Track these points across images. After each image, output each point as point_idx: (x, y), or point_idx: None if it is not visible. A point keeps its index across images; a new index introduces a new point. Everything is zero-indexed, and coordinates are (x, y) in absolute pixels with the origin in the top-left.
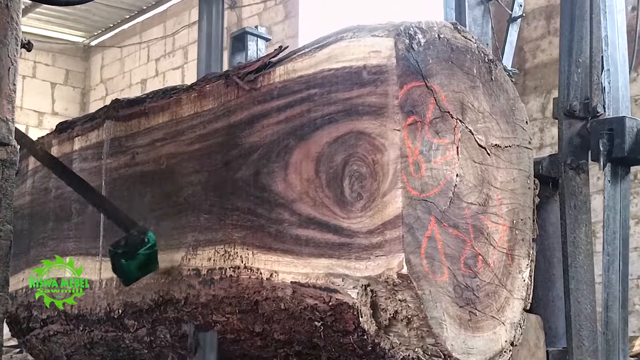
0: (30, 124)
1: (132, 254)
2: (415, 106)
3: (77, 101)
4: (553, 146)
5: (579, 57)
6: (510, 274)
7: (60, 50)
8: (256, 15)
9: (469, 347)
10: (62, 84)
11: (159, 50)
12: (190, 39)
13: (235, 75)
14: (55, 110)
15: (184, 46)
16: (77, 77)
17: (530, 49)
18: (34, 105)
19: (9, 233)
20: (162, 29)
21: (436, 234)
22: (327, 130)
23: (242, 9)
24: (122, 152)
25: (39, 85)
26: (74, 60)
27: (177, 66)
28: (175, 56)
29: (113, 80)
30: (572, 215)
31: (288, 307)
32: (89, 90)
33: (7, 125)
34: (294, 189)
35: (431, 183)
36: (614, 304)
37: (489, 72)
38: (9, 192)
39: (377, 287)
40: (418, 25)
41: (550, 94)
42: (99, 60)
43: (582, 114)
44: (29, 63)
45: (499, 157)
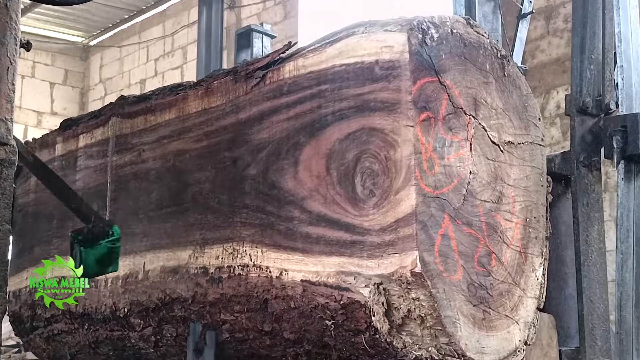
0: (30, 123)
1: (94, 243)
2: (428, 102)
3: (76, 101)
4: (553, 146)
5: (592, 53)
6: (524, 272)
7: (60, 50)
8: (255, 15)
9: (482, 347)
10: (61, 84)
11: (158, 50)
12: (189, 39)
13: (244, 72)
14: (55, 110)
15: (183, 46)
16: (76, 77)
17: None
18: (33, 105)
19: (7, 233)
20: (162, 29)
21: (450, 231)
22: (338, 127)
23: (242, 9)
24: (128, 150)
25: (38, 85)
26: (73, 60)
27: (176, 66)
28: (175, 56)
29: (112, 80)
30: (584, 213)
31: (298, 306)
32: (88, 90)
33: (6, 125)
34: (304, 186)
35: (445, 180)
36: (628, 302)
37: (501, 68)
38: (8, 191)
39: (389, 286)
40: (431, 20)
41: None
42: (98, 60)
43: (595, 110)
44: (28, 63)
45: (512, 154)
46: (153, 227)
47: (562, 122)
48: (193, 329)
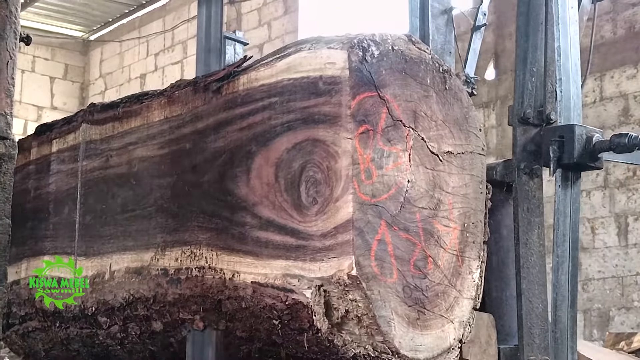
0: (30, 118)
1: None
2: (367, 115)
3: (76, 95)
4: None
5: (534, 66)
6: (460, 274)
7: (60, 44)
8: (256, 10)
9: (416, 345)
10: (61, 79)
11: (158, 45)
12: (189, 33)
13: (203, 83)
14: (55, 105)
15: (183, 41)
16: (76, 71)
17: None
18: (33, 99)
19: (7, 227)
20: (162, 24)
21: (386, 237)
22: (286, 137)
23: (242, 4)
24: (97, 155)
25: (38, 80)
26: (73, 54)
27: (177, 61)
28: (175, 51)
29: (112, 74)
30: (525, 218)
31: (249, 306)
32: (88, 84)
33: (5, 119)
34: (255, 193)
35: (382, 189)
36: (563, 303)
37: (443, 82)
38: (8, 186)
39: (329, 288)
40: (372, 37)
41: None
42: (98, 55)
43: (536, 121)
44: (28, 57)
45: (452, 163)
46: (119, 230)
47: None
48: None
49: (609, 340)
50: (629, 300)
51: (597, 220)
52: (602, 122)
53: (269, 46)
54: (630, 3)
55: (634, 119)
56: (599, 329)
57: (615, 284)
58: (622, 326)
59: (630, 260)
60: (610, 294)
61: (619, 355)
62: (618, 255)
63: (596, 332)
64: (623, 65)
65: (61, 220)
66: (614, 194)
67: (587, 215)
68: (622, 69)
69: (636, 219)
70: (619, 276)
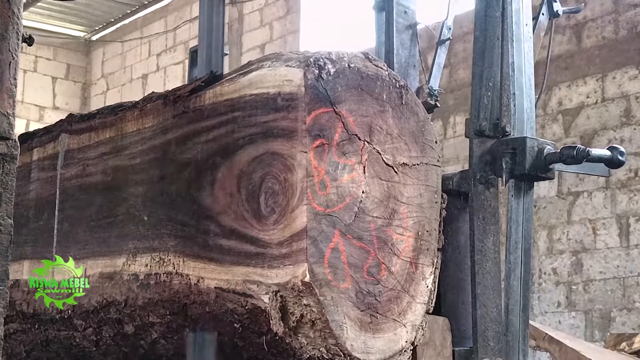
0: (32, 118)
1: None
2: (322, 130)
3: (78, 96)
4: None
5: (489, 81)
6: (414, 280)
7: (62, 44)
8: (257, 10)
9: (368, 347)
10: (63, 79)
11: (160, 45)
12: (191, 34)
13: (172, 97)
14: (57, 105)
15: (185, 41)
16: (78, 71)
17: None
18: (35, 99)
19: (9, 227)
20: (164, 24)
21: (340, 245)
22: (248, 150)
23: (244, 5)
24: (74, 164)
25: (40, 80)
26: (75, 54)
27: (178, 61)
28: (177, 51)
29: (114, 75)
30: (480, 226)
31: (212, 310)
32: (90, 84)
33: (7, 120)
34: (219, 202)
35: (336, 199)
36: (515, 307)
37: (399, 97)
38: (10, 186)
39: (285, 293)
40: (328, 56)
41: (552, 90)
42: (100, 55)
43: (492, 133)
44: (30, 57)
45: (407, 174)
46: (94, 236)
47: (564, 119)
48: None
49: (610, 341)
50: (630, 301)
51: (598, 221)
52: (603, 123)
53: (270, 46)
54: (633, 4)
55: (635, 119)
56: (600, 329)
57: (616, 284)
58: (623, 327)
59: (631, 261)
60: (611, 294)
61: (620, 356)
62: (619, 256)
63: (597, 333)
64: (625, 66)
65: (40, 226)
66: (615, 195)
67: (588, 216)
68: (624, 70)
69: (638, 219)
70: (620, 277)
